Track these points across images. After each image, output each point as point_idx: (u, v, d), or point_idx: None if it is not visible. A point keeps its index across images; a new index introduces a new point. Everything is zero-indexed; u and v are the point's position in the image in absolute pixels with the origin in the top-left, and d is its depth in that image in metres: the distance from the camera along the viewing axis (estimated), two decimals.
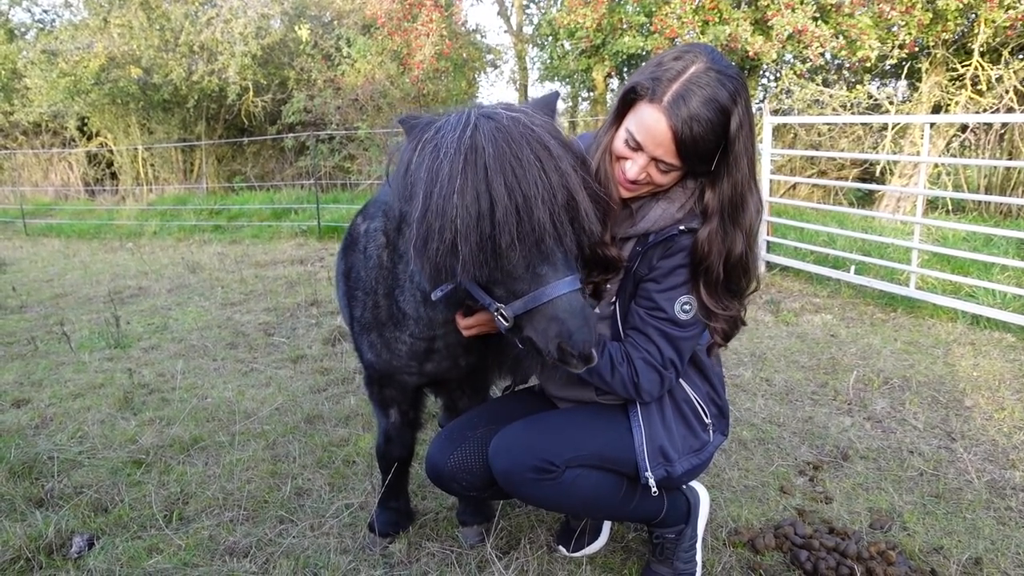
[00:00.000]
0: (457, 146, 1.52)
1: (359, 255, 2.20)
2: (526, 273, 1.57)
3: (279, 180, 14.18)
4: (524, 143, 1.52)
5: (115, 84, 12.91)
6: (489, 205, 1.48)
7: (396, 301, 2.06)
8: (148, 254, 9.46)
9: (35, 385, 4.30)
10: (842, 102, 9.78)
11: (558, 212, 1.52)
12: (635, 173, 1.80)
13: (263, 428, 3.55)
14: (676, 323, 1.87)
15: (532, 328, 1.60)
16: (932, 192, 7.60)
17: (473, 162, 1.50)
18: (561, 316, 1.55)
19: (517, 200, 1.48)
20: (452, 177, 1.50)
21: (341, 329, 5.14)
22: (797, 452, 3.25)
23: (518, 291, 1.59)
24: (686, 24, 9.23)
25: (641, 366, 1.87)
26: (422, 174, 1.57)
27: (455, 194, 1.49)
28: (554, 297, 1.55)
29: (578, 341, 1.54)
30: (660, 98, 1.70)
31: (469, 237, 1.49)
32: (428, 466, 2.17)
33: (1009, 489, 2.90)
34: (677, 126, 1.69)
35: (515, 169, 1.49)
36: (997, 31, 8.41)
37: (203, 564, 2.44)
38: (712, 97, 1.68)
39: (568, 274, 1.58)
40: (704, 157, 1.76)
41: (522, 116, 1.58)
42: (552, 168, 1.52)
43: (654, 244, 1.87)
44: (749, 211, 1.82)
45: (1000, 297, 5.29)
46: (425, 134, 1.61)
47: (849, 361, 4.46)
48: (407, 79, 11.96)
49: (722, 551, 2.47)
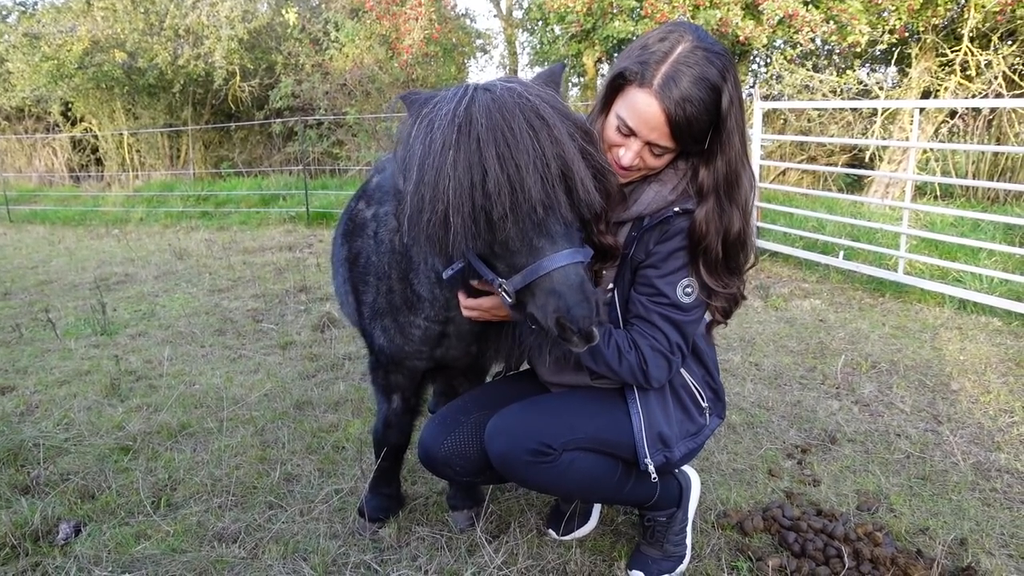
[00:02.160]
0: (451, 118, 1.50)
1: (368, 240, 2.18)
2: (524, 246, 1.54)
3: (267, 166, 14.05)
4: (518, 112, 1.49)
5: (99, 68, 12.71)
6: (481, 176, 1.46)
7: (411, 284, 2.04)
8: (134, 241, 9.37)
9: (20, 372, 4.26)
10: (832, 87, 9.78)
11: (552, 182, 1.48)
12: (629, 160, 1.79)
13: (252, 414, 3.53)
14: (679, 307, 1.86)
15: (533, 303, 1.57)
16: (921, 177, 7.61)
17: (467, 133, 1.47)
18: (559, 289, 1.51)
19: (509, 170, 1.45)
20: (445, 148, 1.48)
21: (330, 315, 5.12)
22: (786, 435, 3.27)
23: (517, 265, 1.56)
24: (677, 8, 9.18)
25: (649, 353, 1.86)
26: (417, 147, 1.55)
27: (447, 165, 1.47)
28: (551, 270, 1.51)
29: (576, 316, 1.49)
30: (650, 81, 1.69)
31: (461, 208, 1.47)
32: (421, 451, 2.16)
33: (994, 471, 2.93)
34: (670, 108, 1.68)
35: (508, 139, 1.46)
36: (986, 17, 8.41)
37: (191, 550, 2.43)
38: (702, 76, 1.67)
39: (567, 247, 1.54)
40: (698, 137, 1.75)
41: (518, 87, 1.55)
42: (546, 137, 1.49)
43: (649, 228, 1.86)
44: (743, 187, 1.82)
45: (987, 282, 5.33)
46: (424, 109, 1.59)
47: (837, 345, 4.48)
48: (396, 64, 11.86)
49: (711, 533, 2.48)
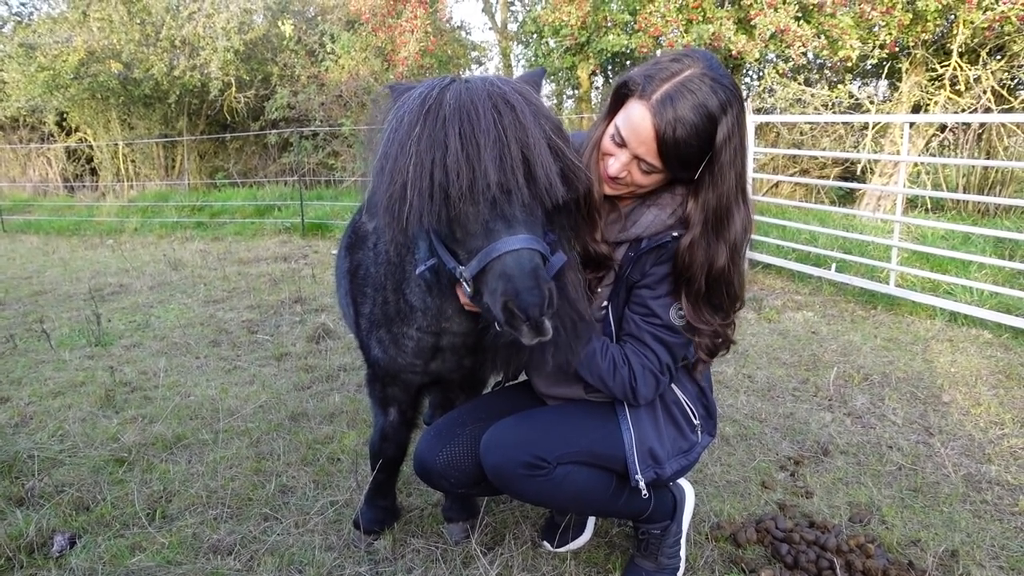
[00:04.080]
0: (422, 100, 1.53)
1: (368, 252, 2.22)
2: (480, 228, 1.52)
3: (262, 177, 14.05)
4: (487, 97, 1.50)
5: (95, 79, 12.72)
6: (442, 153, 1.47)
7: (403, 294, 2.07)
8: (129, 251, 9.36)
9: (14, 383, 4.25)
10: (824, 101, 9.88)
11: (512, 163, 1.47)
12: (616, 169, 1.81)
13: (247, 426, 3.54)
14: (671, 329, 1.89)
15: (486, 289, 1.53)
16: (912, 191, 7.68)
17: (434, 113, 1.50)
18: (508, 272, 1.47)
19: (469, 149, 1.46)
20: (411, 126, 1.51)
21: (325, 327, 5.12)
22: (778, 447, 3.29)
23: (473, 249, 1.54)
24: (670, 23, 9.28)
25: (639, 371, 1.88)
26: (387, 125, 1.58)
27: (411, 141, 1.49)
28: (504, 252, 1.48)
29: (525, 301, 1.44)
30: (649, 95, 1.71)
31: (419, 183, 1.48)
32: (417, 463, 2.17)
33: (985, 483, 2.95)
34: (660, 126, 1.69)
35: (472, 119, 1.47)
36: (975, 32, 8.52)
37: (187, 562, 2.43)
38: (702, 103, 1.67)
39: (524, 233, 1.51)
40: (686, 163, 1.75)
41: (495, 79, 1.58)
42: (511, 121, 1.49)
43: (647, 250, 1.88)
44: (735, 226, 1.81)
45: (977, 295, 5.38)
46: (403, 96, 1.62)
47: (830, 358, 4.51)
48: (391, 75, 11.90)
49: (704, 545, 2.50)
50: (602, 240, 1.91)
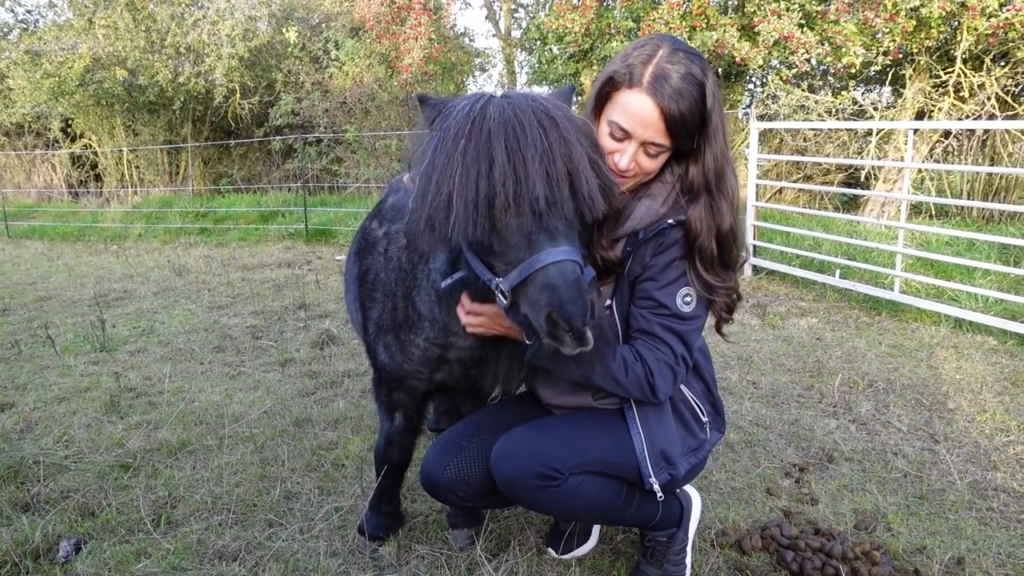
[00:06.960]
0: (467, 113, 1.56)
1: (379, 257, 2.24)
2: (522, 240, 1.55)
3: (266, 183, 14.09)
4: (530, 112, 1.54)
5: (100, 85, 12.78)
6: (488, 165, 1.50)
7: (413, 302, 2.08)
8: (133, 257, 9.39)
9: (19, 389, 4.27)
10: (827, 108, 9.87)
11: (556, 177, 1.51)
12: (626, 163, 1.82)
13: (251, 432, 3.54)
14: (680, 317, 1.89)
15: (526, 301, 1.56)
16: (916, 197, 7.69)
17: (479, 126, 1.53)
18: (553, 283, 1.50)
19: (516, 162, 1.49)
20: (457, 138, 1.53)
21: (329, 333, 5.13)
22: (783, 454, 3.28)
23: (515, 260, 1.56)
24: (674, 30, 9.28)
25: (655, 365, 1.86)
26: (432, 136, 1.61)
27: (457, 152, 1.52)
28: (548, 263, 1.51)
29: (569, 312, 1.47)
30: (639, 81, 1.75)
31: (465, 194, 1.50)
32: (424, 478, 2.15)
33: (991, 490, 2.94)
34: (664, 103, 1.73)
35: (517, 133, 1.51)
36: (979, 39, 8.52)
37: (192, 568, 2.43)
38: (688, 72, 1.74)
39: (566, 245, 1.55)
40: (690, 131, 1.80)
41: (533, 94, 1.62)
42: (555, 136, 1.53)
43: (644, 241, 1.89)
44: (729, 180, 1.87)
45: (982, 301, 5.36)
46: (443, 108, 1.64)
47: (834, 364, 4.51)
48: (395, 82, 11.94)
49: (710, 552, 2.49)
50: (609, 244, 1.92)
